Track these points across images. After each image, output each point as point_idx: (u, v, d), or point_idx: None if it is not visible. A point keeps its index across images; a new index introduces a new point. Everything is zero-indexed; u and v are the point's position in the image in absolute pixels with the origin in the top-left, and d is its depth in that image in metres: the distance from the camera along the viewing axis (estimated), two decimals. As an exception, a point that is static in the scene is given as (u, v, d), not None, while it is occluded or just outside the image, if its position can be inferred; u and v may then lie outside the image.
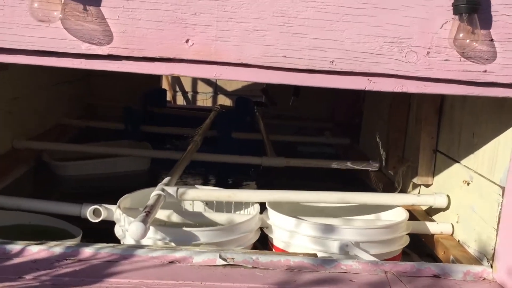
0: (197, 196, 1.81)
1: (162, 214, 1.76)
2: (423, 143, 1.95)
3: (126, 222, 1.61)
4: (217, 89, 5.89)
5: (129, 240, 1.61)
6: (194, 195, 1.80)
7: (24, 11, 1.18)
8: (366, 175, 2.86)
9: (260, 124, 3.36)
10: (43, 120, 3.06)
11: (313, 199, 1.81)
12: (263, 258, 1.44)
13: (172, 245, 1.55)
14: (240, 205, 1.87)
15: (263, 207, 1.81)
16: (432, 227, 1.80)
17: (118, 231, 1.68)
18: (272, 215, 1.74)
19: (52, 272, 1.31)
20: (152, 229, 1.54)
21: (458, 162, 1.82)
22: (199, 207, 1.96)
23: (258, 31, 1.23)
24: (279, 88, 4.07)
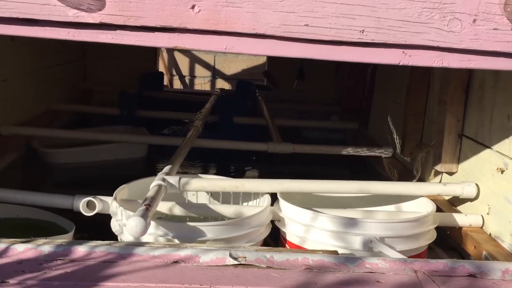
0: (201, 187, 1.65)
1: (163, 206, 1.60)
2: (448, 127, 1.78)
3: (123, 216, 1.45)
4: (215, 72, 5.71)
5: (127, 236, 1.46)
6: (198, 186, 1.64)
7: (-1, -29, 1.00)
8: (377, 161, 2.70)
9: (263, 108, 3.20)
10: (33, 105, 2.93)
11: (330, 189, 1.65)
12: (278, 256, 1.29)
13: (176, 242, 1.39)
14: (248, 195, 1.70)
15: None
16: (460, 219, 1.64)
17: (114, 225, 1.53)
18: (285, 207, 1.58)
19: (40, 275, 1.17)
20: (152, 223, 1.38)
21: (488, 147, 1.65)
22: (203, 198, 1.79)
23: (276, -5, 1.05)
24: (282, 70, 3.91)
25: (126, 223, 1.34)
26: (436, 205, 1.83)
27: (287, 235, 1.58)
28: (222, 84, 5.58)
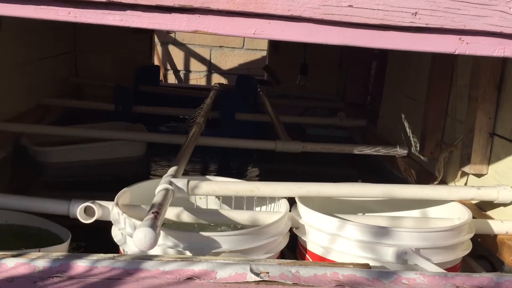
0: (212, 190, 1.49)
1: (170, 212, 1.44)
2: (479, 125, 1.64)
3: (127, 224, 1.29)
4: (211, 67, 5.53)
5: (130, 246, 1.30)
6: (208, 189, 1.48)
7: None
8: (389, 161, 2.56)
9: (266, 104, 3.04)
10: (22, 100, 2.79)
11: (355, 193, 1.50)
12: (304, 271, 1.15)
13: (188, 254, 1.23)
14: (263, 199, 1.54)
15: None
16: (496, 226, 1.50)
17: (116, 234, 1.37)
18: (305, 214, 1.43)
19: (33, 296, 1.00)
20: (161, 233, 1.21)
21: (525, 148, 1.51)
22: (212, 203, 1.63)
23: (315, -29, 0.89)
24: (284, 65, 3.76)
25: (132, 234, 1.18)
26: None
27: (308, 244, 1.42)
28: (218, 79, 5.41)
